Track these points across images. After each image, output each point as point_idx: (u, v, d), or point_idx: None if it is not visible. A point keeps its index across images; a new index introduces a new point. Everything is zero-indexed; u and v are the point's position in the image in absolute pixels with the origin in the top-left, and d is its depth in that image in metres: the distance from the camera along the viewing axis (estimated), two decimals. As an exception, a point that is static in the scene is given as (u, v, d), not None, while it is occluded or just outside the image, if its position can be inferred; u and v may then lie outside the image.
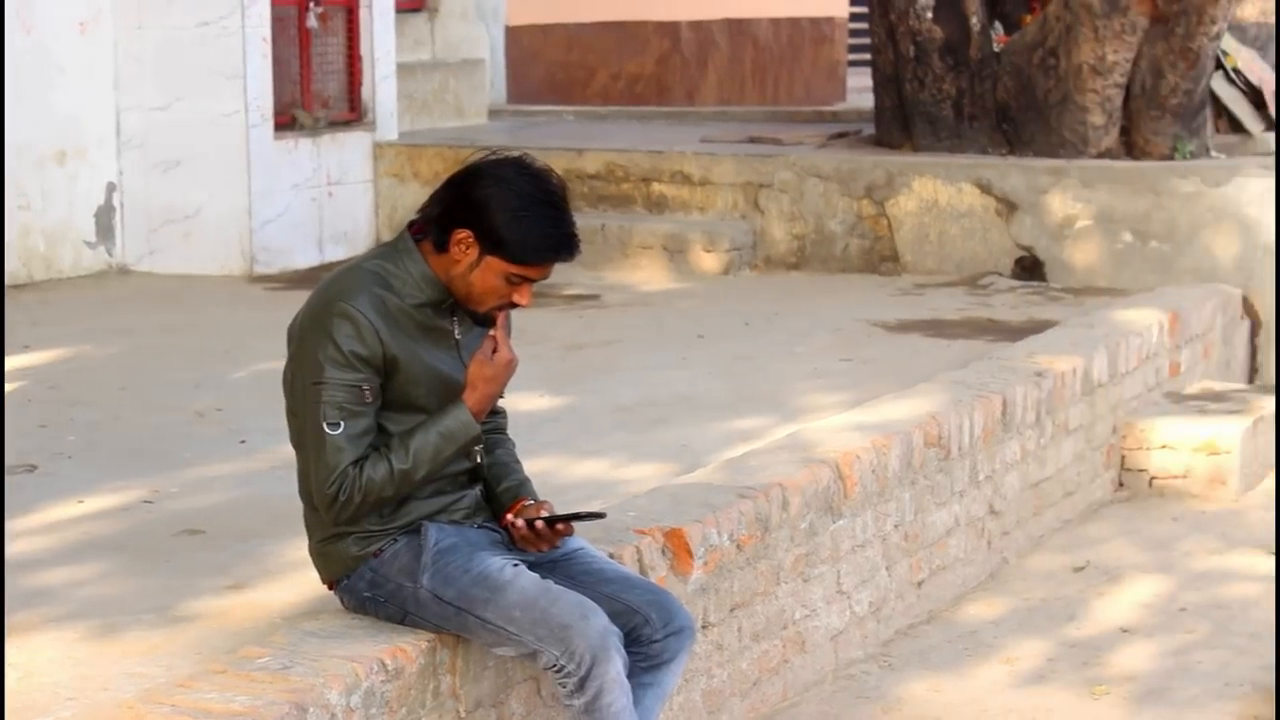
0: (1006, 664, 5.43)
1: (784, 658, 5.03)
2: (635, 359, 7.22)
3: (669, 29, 14.72)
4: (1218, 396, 7.75)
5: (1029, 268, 8.88)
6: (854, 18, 15.81)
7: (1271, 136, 9.38)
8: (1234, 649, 5.59)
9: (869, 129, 10.38)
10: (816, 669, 5.20)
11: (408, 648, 3.65)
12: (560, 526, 3.80)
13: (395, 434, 3.67)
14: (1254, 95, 9.50)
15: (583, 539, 3.95)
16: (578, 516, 3.82)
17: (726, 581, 4.72)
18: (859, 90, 14.98)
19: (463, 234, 3.63)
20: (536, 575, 3.72)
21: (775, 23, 15.57)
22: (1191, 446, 7.22)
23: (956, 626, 5.76)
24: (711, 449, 5.64)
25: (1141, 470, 7.29)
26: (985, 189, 8.96)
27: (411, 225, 3.76)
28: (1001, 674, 5.36)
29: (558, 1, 14.18)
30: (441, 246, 3.67)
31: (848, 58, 16.37)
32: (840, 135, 10.51)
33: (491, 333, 3.74)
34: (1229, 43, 9.54)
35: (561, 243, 3.67)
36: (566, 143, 10.36)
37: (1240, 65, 9.58)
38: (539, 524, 3.77)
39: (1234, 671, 5.40)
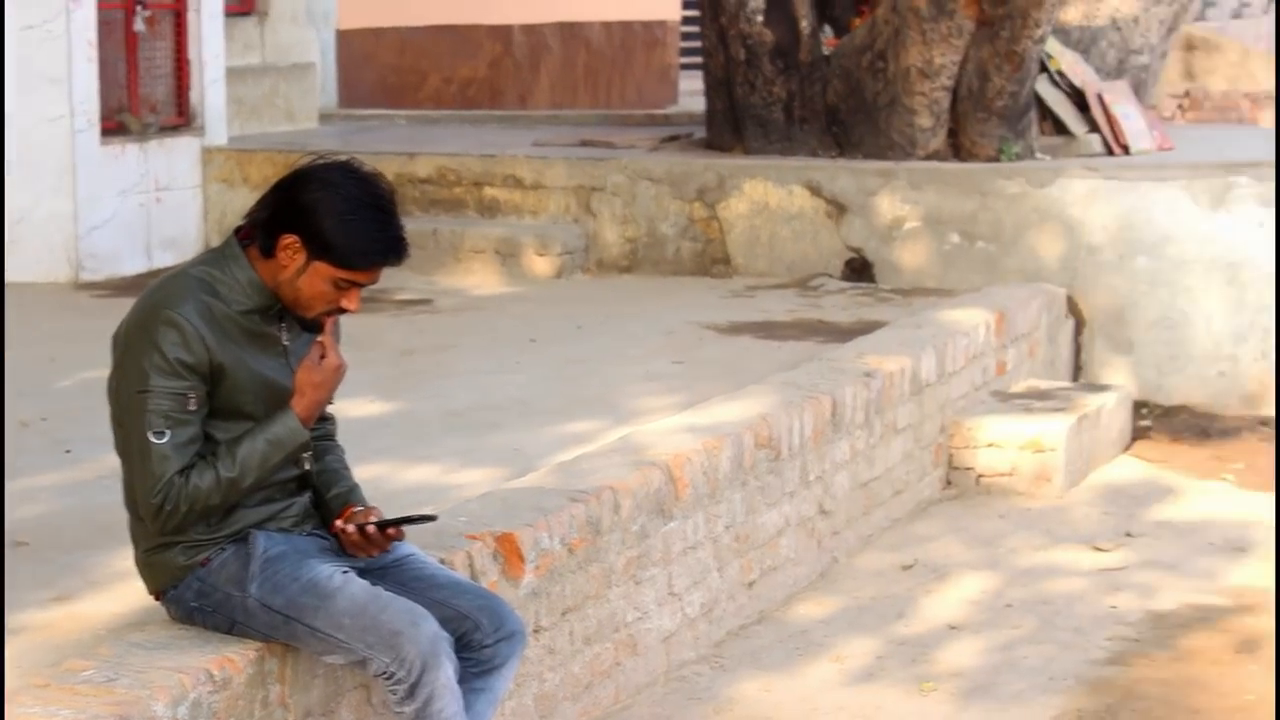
0: (836, 662, 5.49)
1: (616, 660, 5.05)
2: (468, 363, 7.21)
3: (501, 32, 14.70)
4: (1043, 395, 7.87)
5: (858, 269, 8.96)
6: (686, 21, 15.88)
7: (1095, 138, 9.52)
8: (1059, 644, 5.69)
9: (700, 132, 10.43)
10: (648, 671, 5.22)
11: (236, 658, 3.62)
12: (391, 531, 3.79)
13: (222, 442, 3.64)
14: (1077, 97, 9.64)
15: (413, 545, 3.94)
16: (409, 520, 3.81)
17: (558, 585, 4.73)
18: (691, 93, 15.02)
19: (290, 239, 3.62)
20: (366, 582, 3.70)
21: (607, 26, 15.60)
22: (1017, 444, 7.33)
23: (787, 626, 5.81)
24: (543, 453, 5.64)
25: (969, 468, 7.38)
26: (815, 191, 9.04)
27: (239, 231, 3.73)
28: (831, 672, 5.41)
29: (389, 5, 14.10)
30: (268, 252, 3.65)
31: (679, 61, 16.43)
32: (672, 138, 10.55)
33: (319, 338, 3.72)
34: (1053, 46, 9.68)
35: (390, 246, 3.66)
36: (398, 147, 10.32)
37: (1064, 68, 9.72)
38: (370, 529, 3.76)
39: (1058, 666, 5.49)
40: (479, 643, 3.80)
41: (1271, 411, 8.74)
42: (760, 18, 9.48)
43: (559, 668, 4.76)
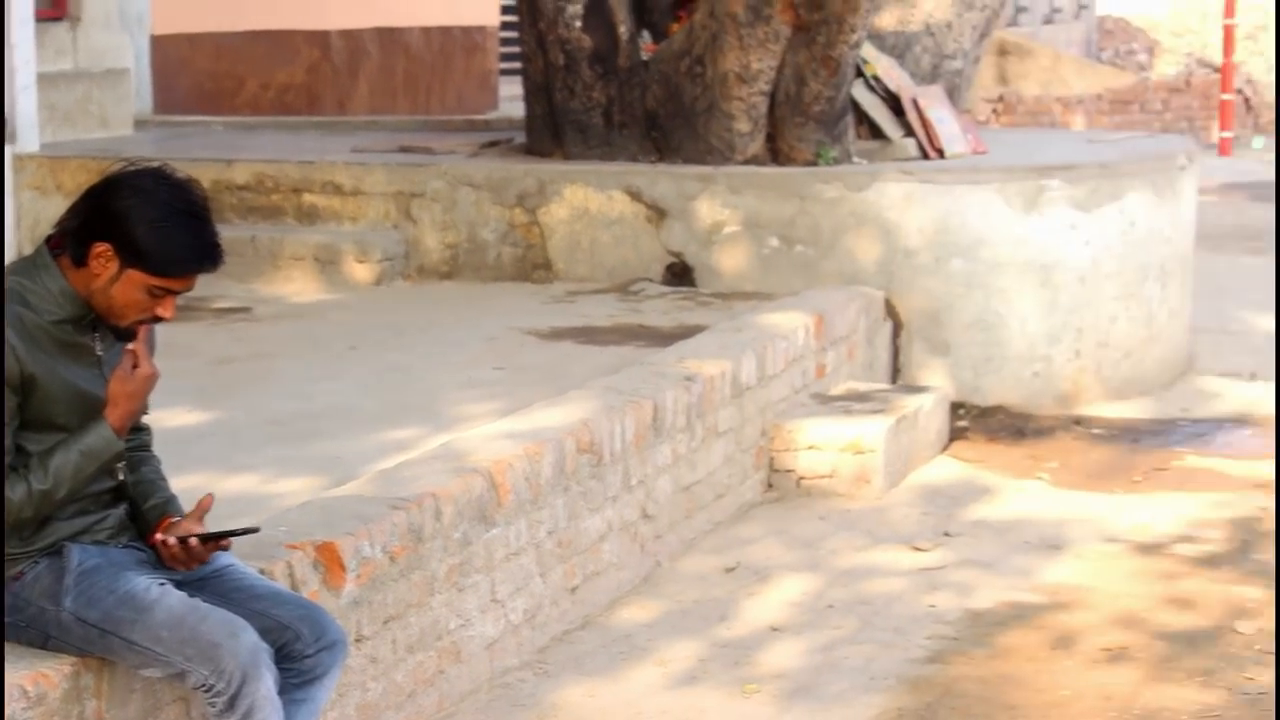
0: (660, 666, 5.51)
1: (439, 668, 5.03)
2: (287, 372, 7.15)
3: (319, 38, 14.58)
4: (862, 397, 7.96)
5: (679, 273, 9.00)
6: (505, 26, 15.85)
7: (910, 142, 9.63)
8: (879, 643, 5.75)
9: (521, 137, 10.42)
10: (472, 679, 5.21)
11: (50, 673, 3.57)
12: (213, 544, 3.76)
13: (35, 454, 3.59)
14: (893, 102, 9.74)
15: (231, 555, 3.91)
16: (231, 533, 3.78)
17: (380, 594, 4.71)
18: (511, 99, 15.00)
19: (102, 247, 3.58)
20: (184, 594, 3.67)
21: (427, 31, 15.53)
22: (837, 446, 7.40)
23: (611, 631, 5.82)
24: (364, 461, 5.61)
25: (790, 471, 7.44)
26: (635, 196, 9.06)
27: (50, 240, 3.68)
28: (655, 676, 5.43)
29: (205, 10, 13.95)
30: (80, 261, 3.61)
31: (499, 66, 16.40)
32: (492, 144, 10.53)
33: (130, 347, 3.68)
34: (869, 51, 9.78)
35: (204, 252, 3.63)
36: (215, 154, 10.21)
37: (880, 73, 9.82)
38: (192, 541, 3.72)
39: (879, 665, 5.55)
40: (299, 653, 3.78)
41: (1085, 410, 8.91)
42: (579, 23, 9.49)
43: (382, 677, 4.74)
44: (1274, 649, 5.73)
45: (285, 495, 5.24)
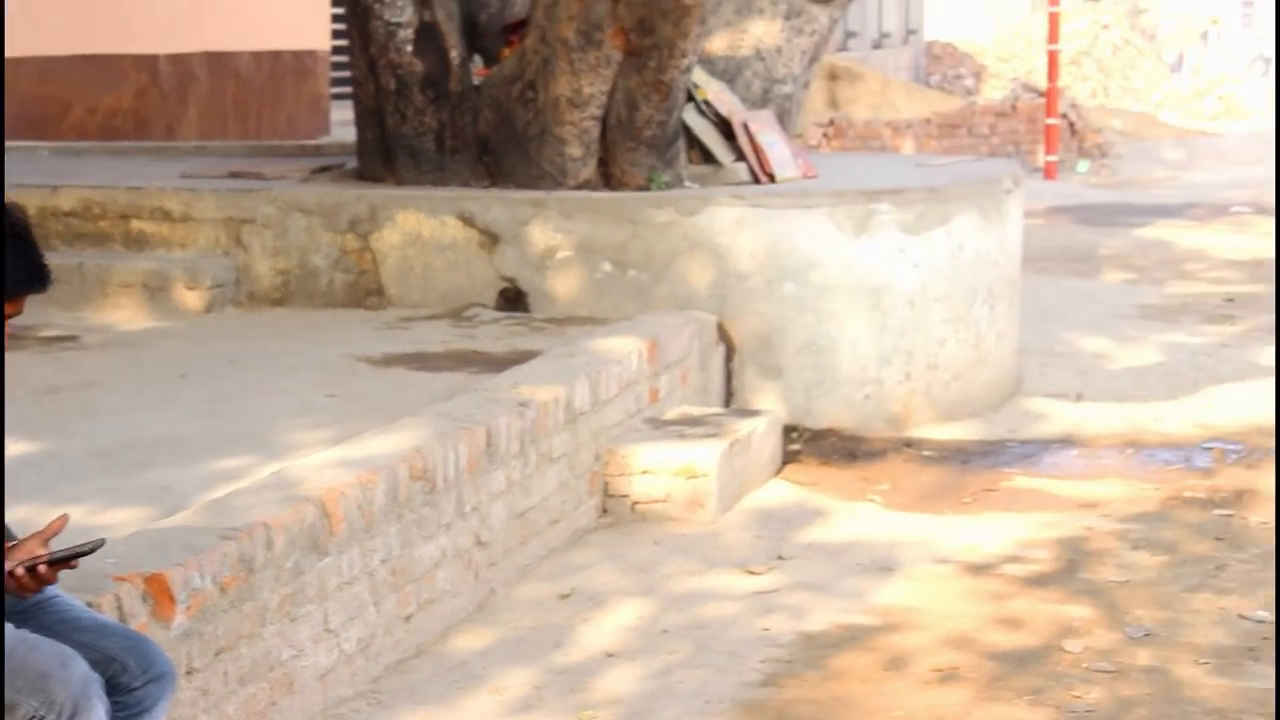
0: (495, 694, 5.49)
1: (271, 700, 4.98)
2: (116, 401, 7.06)
3: (147, 62, 14.43)
4: (695, 421, 7.99)
5: (512, 299, 8.99)
6: (336, 51, 15.77)
7: (742, 167, 9.68)
8: (714, 667, 5.77)
9: (353, 162, 10.36)
10: (305, 710, 5.16)
11: None
12: (61, 565, 3.70)
13: None
14: (724, 127, 9.80)
15: (56, 586, 3.85)
16: (80, 553, 3.72)
17: (211, 625, 4.65)
18: (342, 124, 14.92)
19: (-77, 276, 3.52)
20: (10, 625, 3.61)
21: (257, 56, 15.42)
22: (671, 471, 7.43)
23: (446, 659, 5.80)
24: (194, 491, 5.55)
25: (624, 496, 7.46)
26: (468, 221, 9.05)
27: None
28: (490, 704, 5.42)
29: (29, 34, 13.75)
30: (-99, 291, 3.54)
31: (331, 91, 16.32)
32: (323, 169, 10.47)
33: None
34: (699, 75, 9.83)
35: (33, 274, 3.60)
36: (41, 179, 10.06)
37: (710, 97, 9.87)
38: (41, 569, 3.67)
39: (714, 689, 5.57)
40: (127, 685, 3.74)
41: (915, 433, 9.00)
42: (410, 48, 9.46)
43: (213, 709, 4.68)
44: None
45: (114, 526, 5.16)
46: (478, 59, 9.97)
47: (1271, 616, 6.29)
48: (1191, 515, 7.68)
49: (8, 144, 12.98)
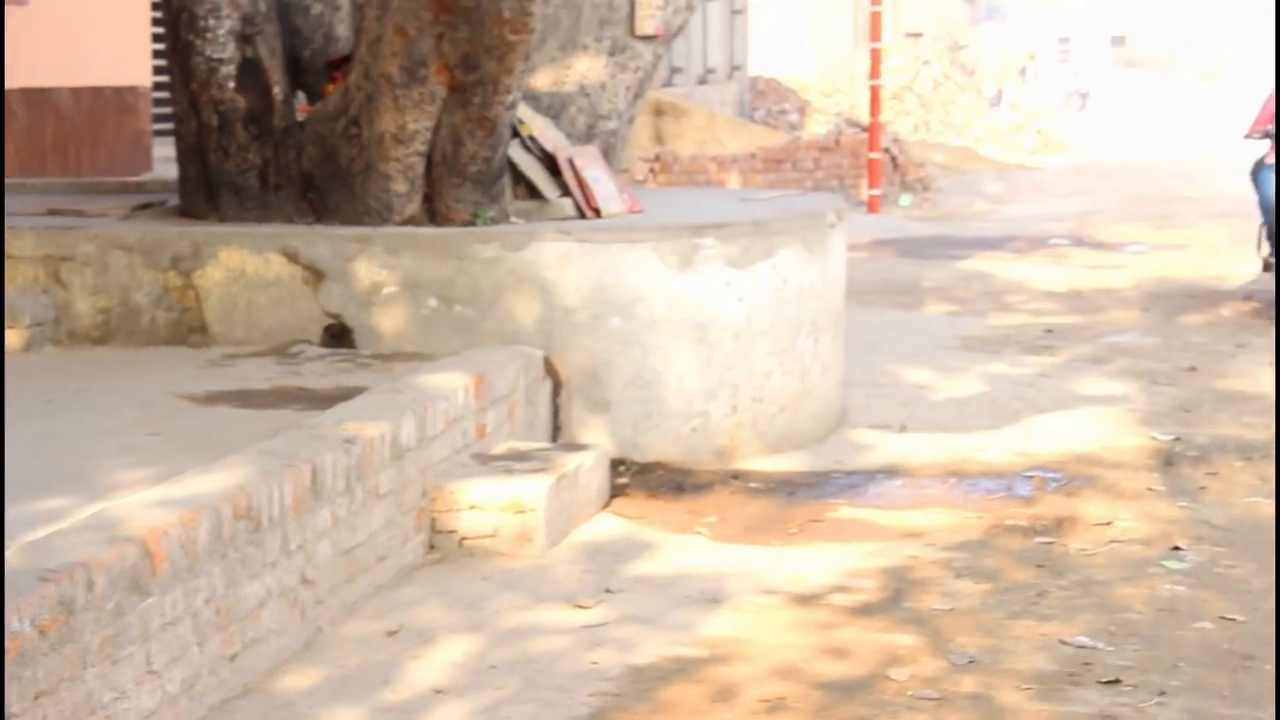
0: (322, 733, 5.45)
1: (93, 744, 4.91)
2: (-69, 442, 6.92)
3: (-38, 98, 14.20)
4: (523, 456, 7.99)
5: (338, 335, 8.94)
6: (158, 87, 15.60)
7: (567, 202, 9.71)
8: (542, 702, 5.76)
9: (175, 199, 10.26)
10: (128, 752, 5.09)
11: None
12: None
13: None
14: (549, 162, 9.82)
15: None
16: None
17: (29, 669, 4.57)
18: (165, 160, 14.76)
19: None
20: None
21: (76, 92, 15.22)
22: (499, 506, 7.42)
23: (272, 698, 5.74)
24: (12, 532, 5.44)
25: (452, 531, 7.43)
26: (292, 258, 8.99)
27: None
28: (317, 743, 5.37)
29: None
30: None
31: (153, 127, 16.14)
32: (145, 206, 10.36)
33: None
34: (524, 111, 9.85)
35: None
36: None
37: (536, 133, 9.89)
38: None
39: (542, 724, 5.57)
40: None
41: (742, 465, 9.06)
42: (232, 84, 9.40)
43: (32, 755, 4.60)
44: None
45: (-72, 570, 5.06)
46: (301, 95, 9.92)
47: (1093, 643, 6.40)
48: (1013, 543, 7.79)
49: None
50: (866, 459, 9.35)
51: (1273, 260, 14.27)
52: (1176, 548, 7.67)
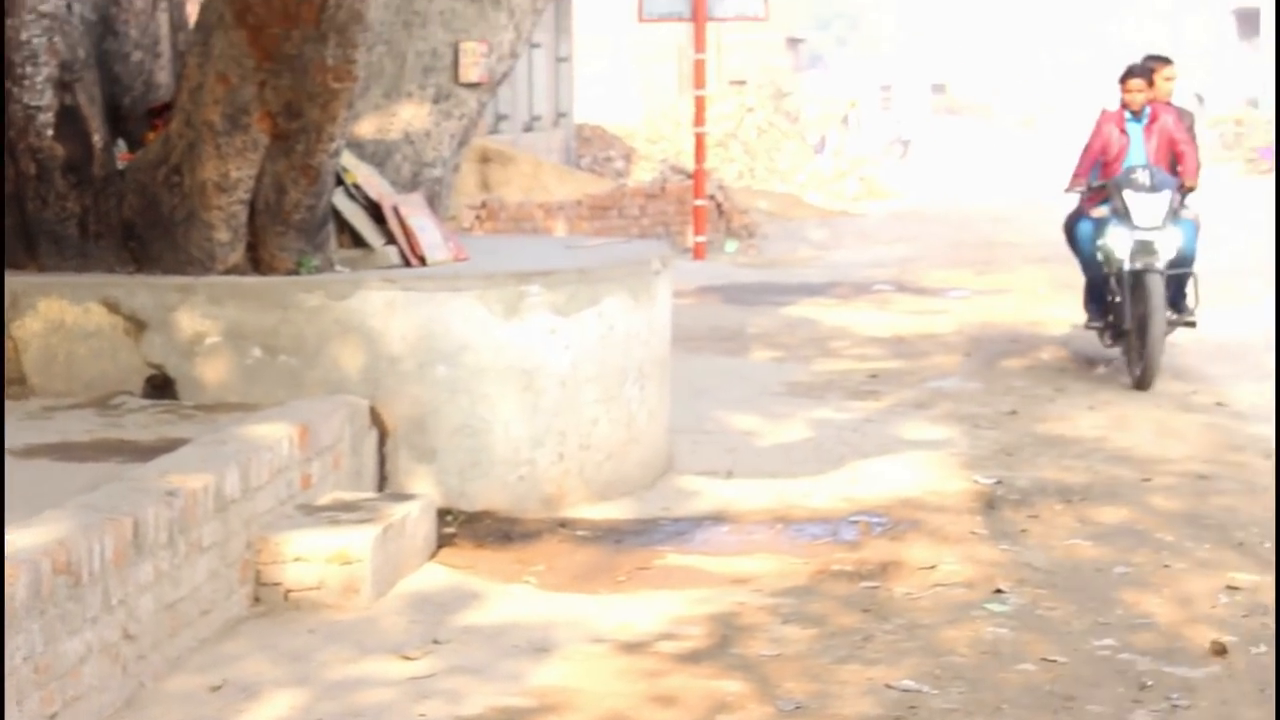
0: (145, 791, 5.37)
1: (-93, 807, 4.79)
2: None
3: None
4: (349, 506, 7.93)
5: (160, 386, 8.84)
6: (-26, 133, 15.35)
7: (393, 250, 9.67)
8: (370, 755, 5.72)
9: (-9, 249, 10.08)
10: (-56, 815, 4.98)
11: None
12: None
13: None
14: (374, 210, 9.78)
15: None
16: None
17: None
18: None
19: None
20: None
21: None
22: (324, 557, 7.36)
23: (93, 757, 5.65)
24: None
25: (277, 583, 7.36)
26: (113, 308, 8.87)
27: None
28: (140, 802, 5.29)
29: None
30: None
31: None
32: (-39, 255, 10.17)
33: None
34: (348, 159, 9.80)
35: None
36: None
37: (360, 181, 9.84)
38: None
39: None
40: None
41: (570, 513, 9.06)
42: (50, 131, 9.27)
43: None
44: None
45: None
46: (121, 143, 9.80)
47: (918, 686, 6.47)
48: (839, 588, 7.85)
49: None
50: (693, 505, 9.39)
51: (1095, 324, 13.66)
52: (999, 590, 7.77)
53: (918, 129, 69.49)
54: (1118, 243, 12.97)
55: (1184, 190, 13.25)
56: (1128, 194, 12.95)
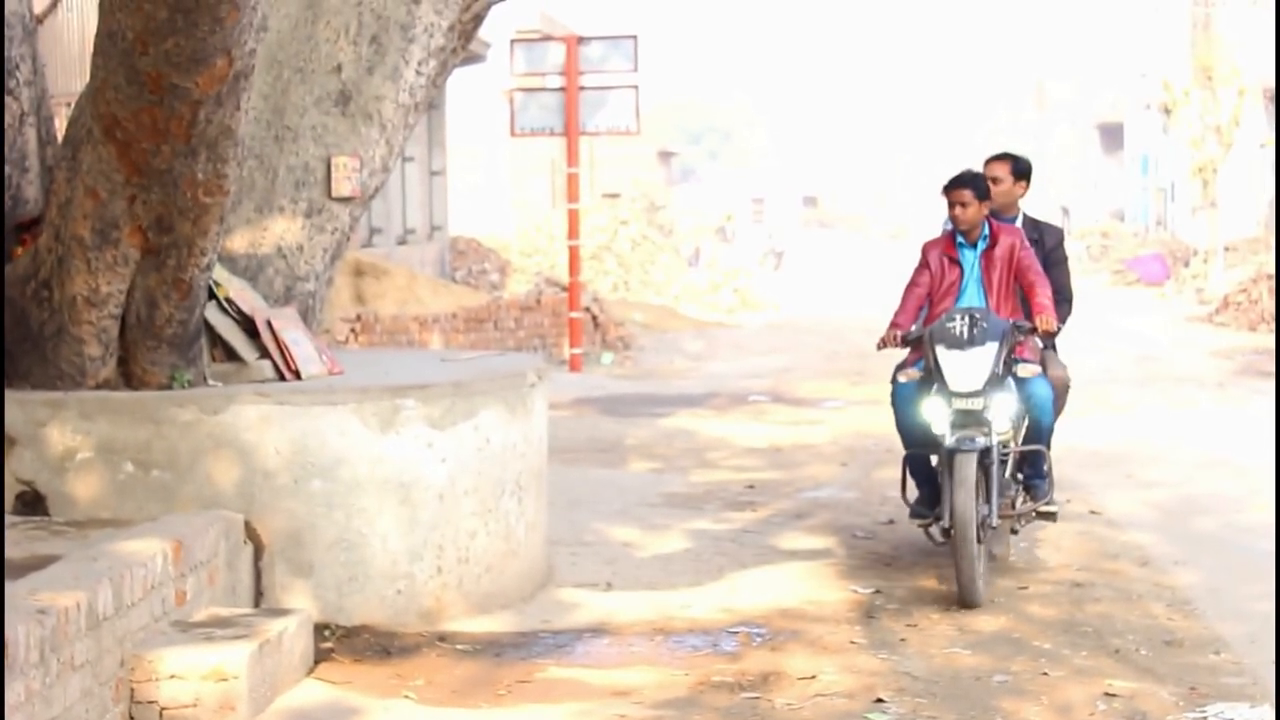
0: None
1: None
2: None
3: None
4: (224, 622, 7.83)
5: (31, 503, 8.71)
6: None
7: (266, 364, 9.60)
8: None
9: None
10: None
11: None
12: None
13: None
14: (247, 324, 9.71)
15: None
16: None
17: None
18: None
19: None
20: None
21: None
22: (199, 674, 7.24)
23: None
24: None
25: (152, 702, 7.23)
26: (-18, 424, 8.75)
27: None
28: None
29: None
30: None
31: None
32: None
33: None
34: (220, 273, 9.74)
35: None
36: None
37: (232, 295, 9.78)
38: None
39: None
40: None
41: (449, 626, 8.99)
42: (-80, 248, 9.17)
43: None
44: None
45: None
46: (-11, 258, 9.70)
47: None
48: (720, 699, 7.82)
49: None
50: (573, 618, 9.34)
51: (922, 516, 10.36)
52: (880, 700, 7.77)
53: (791, 241, 70.17)
54: (934, 414, 9.94)
55: (1040, 335, 10.12)
56: (940, 351, 9.92)
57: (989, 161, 11.05)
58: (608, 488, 13.48)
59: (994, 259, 10.20)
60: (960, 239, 10.29)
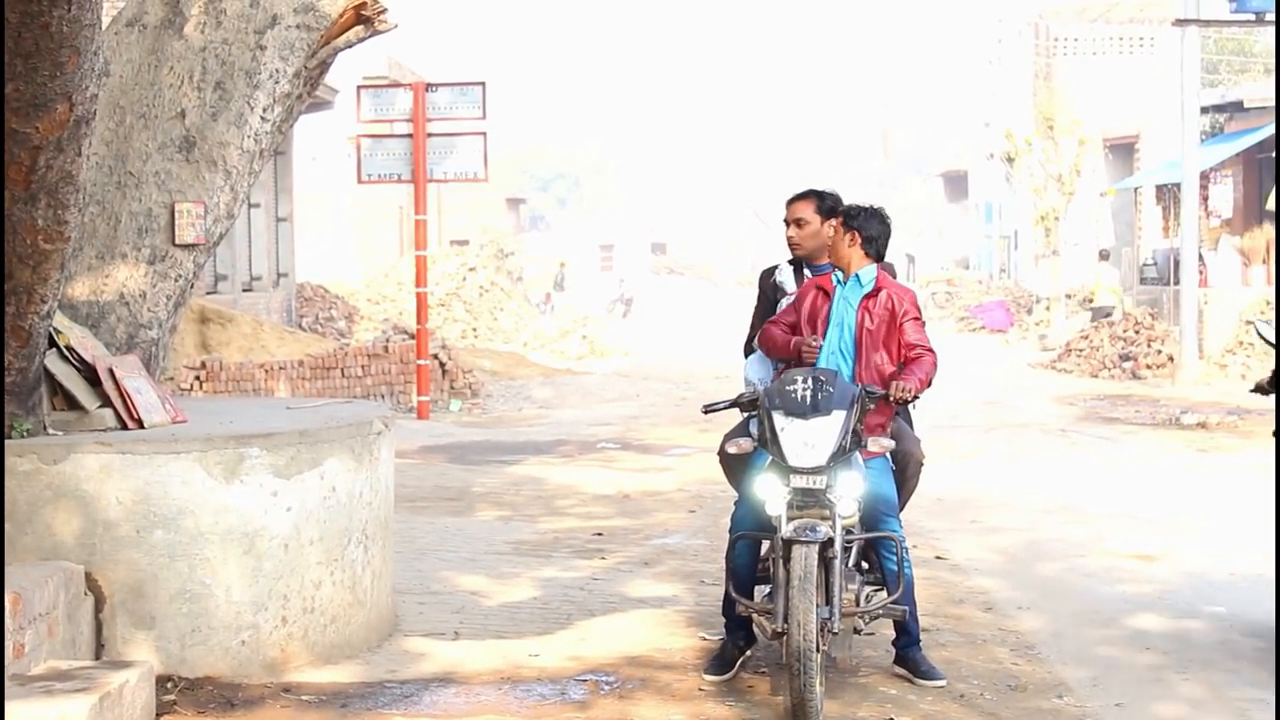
0: None
1: None
2: None
3: None
4: (64, 675, 7.69)
5: None
6: None
7: (108, 413, 9.47)
8: None
9: None
10: None
11: None
12: None
13: None
14: (89, 372, 9.58)
15: None
16: None
17: None
18: None
19: None
20: None
21: None
22: (37, 730, 7.12)
23: None
24: None
25: (-13, 759, 7.10)
26: None
27: None
28: None
29: None
30: None
31: None
32: None
33: None
34: (61, 321, 9.61)
35: None
36: None
37: (73, 343, 9.64)
38: None
39: None
40: None
41: (294, 677, 8.89)
42: None
43: None
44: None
45: None
46: None
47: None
48: (568, 747, 7.78)
49: None
50: (420, 668, 9.27)
51: (747, 612, 8.74)
52: (727, 746, 7.76)
53: (640, 288, 70.37)
54: (767, 492, 8.55)
55: (897, 401, 8.70)
56: (778, 418, 8.50)
57: (790, 202, 9.53)
58: (455, 536, 13.42)
59: (874, 310, 8.89)
60: (837, 277, 8.99)
